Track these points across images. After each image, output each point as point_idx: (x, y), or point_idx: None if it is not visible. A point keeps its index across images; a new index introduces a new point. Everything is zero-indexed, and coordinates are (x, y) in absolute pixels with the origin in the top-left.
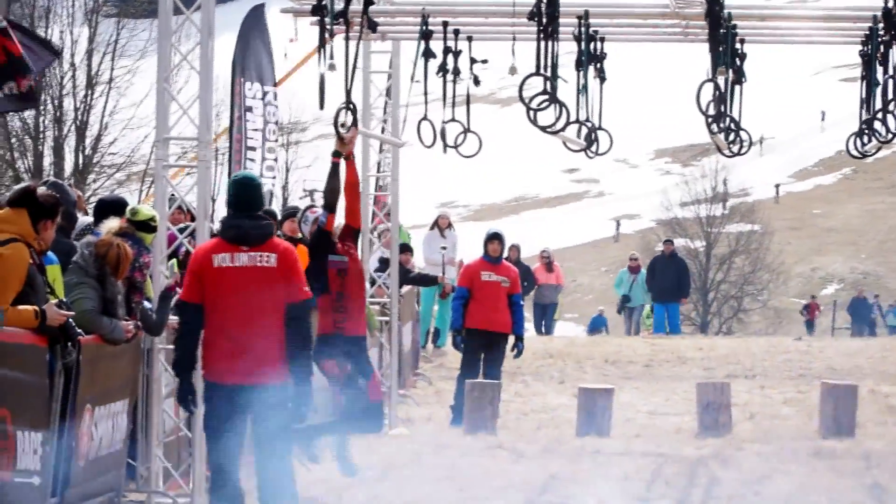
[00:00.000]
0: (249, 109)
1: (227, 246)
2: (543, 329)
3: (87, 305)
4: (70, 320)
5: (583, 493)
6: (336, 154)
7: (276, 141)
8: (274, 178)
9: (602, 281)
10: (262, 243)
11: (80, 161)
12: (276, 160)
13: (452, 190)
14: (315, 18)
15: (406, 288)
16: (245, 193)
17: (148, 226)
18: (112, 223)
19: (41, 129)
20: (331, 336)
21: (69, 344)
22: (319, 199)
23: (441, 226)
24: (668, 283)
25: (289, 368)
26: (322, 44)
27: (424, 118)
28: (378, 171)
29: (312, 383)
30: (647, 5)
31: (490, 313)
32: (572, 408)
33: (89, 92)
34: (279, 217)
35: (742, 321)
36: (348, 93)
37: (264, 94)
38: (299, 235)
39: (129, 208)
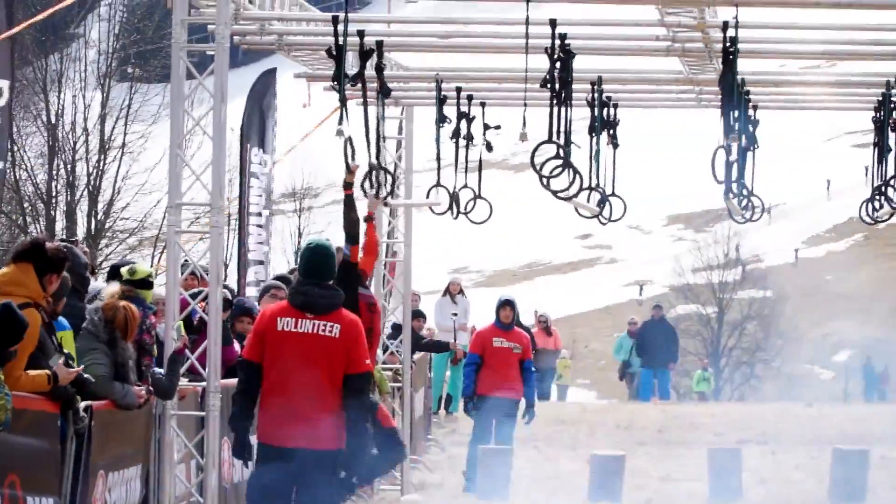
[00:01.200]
0: (254, 175)
1: (294, 311)
2: (544, 394)
3: (99, 371)
4: (84, 374)
5: None
6: (347, 186)
7: (269, 210)
8: (266, 245)
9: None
10: (329, 313)
11: (93, 226)
12: (263, 228)
13: (465, 256)
14: (329, 84)
15: (418, 354)
16: (317, 261)
17: (146, 283)
18: (112, 287)
19: (54, 193)
20: None
21: (82, 409)
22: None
23: (452, 292)
24: (657, 349)
25: (347, 439)
26: (343, 104)
27: (438, 184)
28: (389, 238)
29: (370, 455)
30: (661, 71)
31: (502, 379)
32: (584, 474)
33: (102, 157)
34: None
35: (753, 387)
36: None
37: (264, 161)
38: None
39: (125, 268)
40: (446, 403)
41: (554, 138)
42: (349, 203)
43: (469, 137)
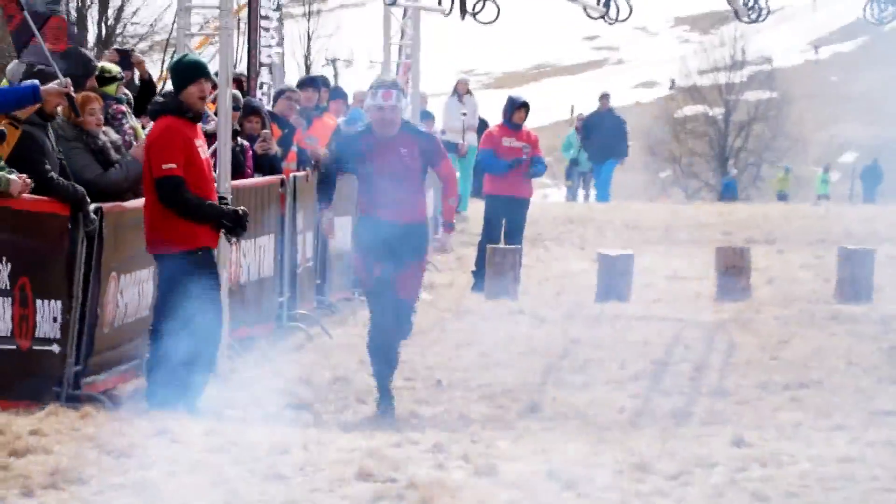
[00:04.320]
0: None
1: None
2: None
3: (88, 175)
4: (75, 190)
5: (603, 358)
6: None
7: (279, 13)
8: (281, 48)
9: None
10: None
11: (103, 31)
12: (276, 32)
13: (473, 58)
14: None
15: None
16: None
17: (104, 78)
18: None
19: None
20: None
21: (92, 212)
22: (341, 67)
23: (460, 91)
24: (604, 141)
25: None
26: None
27: None
28: (401, 39)
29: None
30: None
31: (512, 179)
32: (592, 273)
33: None
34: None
35: (759, 188)
36: None
37: None
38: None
39: None
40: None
41: None
42: None
43: None
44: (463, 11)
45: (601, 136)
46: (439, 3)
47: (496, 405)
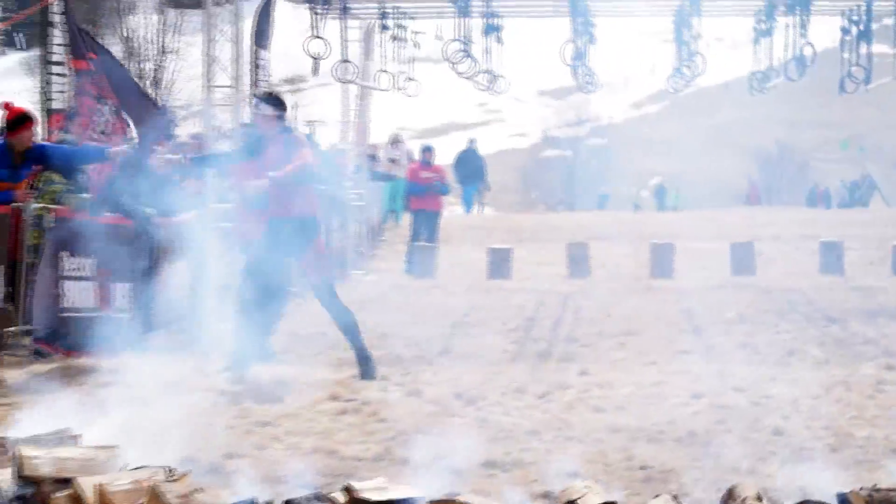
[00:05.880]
0: (259, 66)
1: None
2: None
3: None
4: None
5: (492, 318)
6: None
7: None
8: None
9: (509, 177)
10: None
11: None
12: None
13: (403, 119)
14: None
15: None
16: None
17: None
18: None
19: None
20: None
21: None
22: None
23: (394, 141)
24: (469, 171)
25: None
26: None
27: (383, 70)
28: (356, 107)
29: None
30: None
31: (428, 198)
32: (485, 261)
33: (162, 57)
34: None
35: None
36: None
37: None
38: None
39: None
40: (393, 217)
41: (459, 37)
42: None
43: (403, 39)
44: (395, 88)
45: (466, 167)
46: (377, 83)
47: (420, 349)
